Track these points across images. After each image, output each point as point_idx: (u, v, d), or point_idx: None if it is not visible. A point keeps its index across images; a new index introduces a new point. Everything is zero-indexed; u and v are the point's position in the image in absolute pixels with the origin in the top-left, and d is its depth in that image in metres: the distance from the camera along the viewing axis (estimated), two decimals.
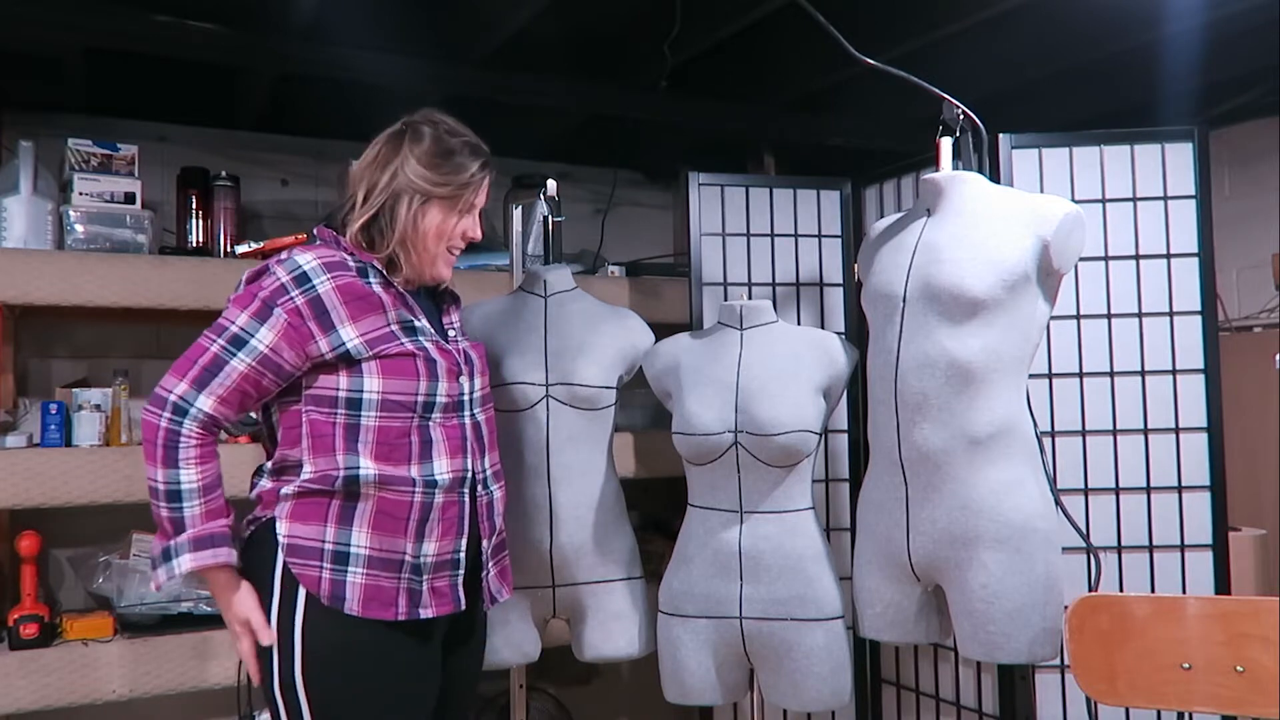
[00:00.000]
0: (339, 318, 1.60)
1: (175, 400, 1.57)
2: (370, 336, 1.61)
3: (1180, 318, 2.24)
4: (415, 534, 1.63)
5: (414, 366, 1.63)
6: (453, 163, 1.69)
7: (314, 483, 1.60)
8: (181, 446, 1.57)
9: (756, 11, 2.42)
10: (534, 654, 2.20)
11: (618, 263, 3.15)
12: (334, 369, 1.61)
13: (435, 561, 1.66)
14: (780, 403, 2.01)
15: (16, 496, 2.24)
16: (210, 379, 1.57)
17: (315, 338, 1.59)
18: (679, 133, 3.24)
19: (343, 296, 1.61)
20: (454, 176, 1.69)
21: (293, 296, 1.59)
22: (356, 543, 1.60)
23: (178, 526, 1.58)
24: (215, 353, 1.58)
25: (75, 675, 2.27)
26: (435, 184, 1.68)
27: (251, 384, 1.59)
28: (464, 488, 1.69)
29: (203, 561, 1.58)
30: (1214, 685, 1.53)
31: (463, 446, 1.69)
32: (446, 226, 1.71)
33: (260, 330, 1.58)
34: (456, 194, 1.70)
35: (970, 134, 2.05)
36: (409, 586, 1.63)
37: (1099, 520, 2.23)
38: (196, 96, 2.87)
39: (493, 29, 2.48)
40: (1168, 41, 2.56)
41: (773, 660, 2.05)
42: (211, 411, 1.58)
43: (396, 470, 1.62)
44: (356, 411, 1.61)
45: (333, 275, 1.61)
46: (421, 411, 1.64)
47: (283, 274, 1.60)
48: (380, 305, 1.64)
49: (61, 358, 2.72)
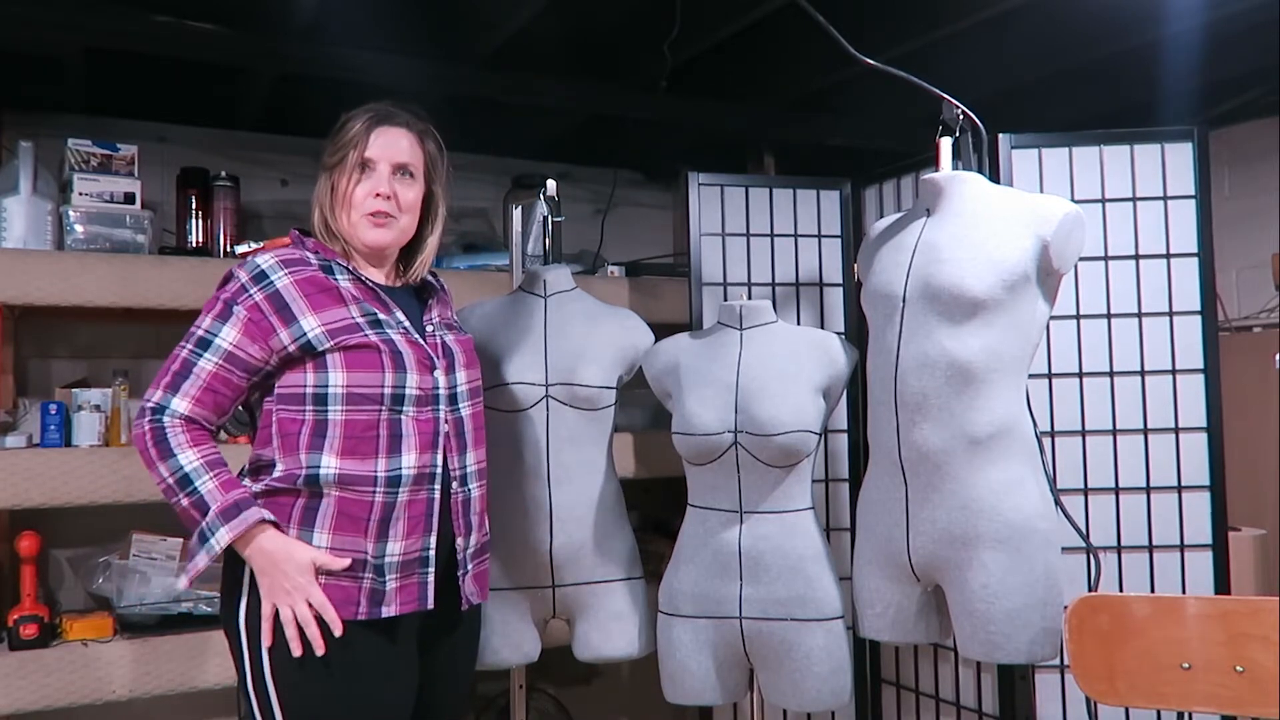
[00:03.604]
0: (299, 309, 1.63)
1: (152, 406, 1.61)
2: (331, 326, 1.63)
3: (1180, 318, 2.24)
4: (377, 534, 1.63)
5: (377, 359, 1.64)
6: (338, 131, 1.74)
7: (280, 482, 1.62)
8: (169, 436, 1.59)
9: (756, 11, 2.42)
10: (534, 654, 2.20)
11: (617, 263, 3.16)
12: (300, 365, 1.63)
13: (402, 560, 1.65)
14: (780, 403, 2.01)
15: (16, 497, 2.24)
16: (181, 382, 1.61)
17: (276, 330, 1.62)
18: (679, 133, 3.24)
19: (302, 290, 1.65)
20: (336, 141, 1.74)
21: (252, 294, 1.64)
22: (317, 543, 1.60)
23: (201, 508, 1.57)
24: (184, 357, 1.63)
25: (75, 675, 2.27)
26: (330, 153, 1.74)
27: (221, 382, 1.62)
28: (433, 484, 1.68)
29: (239, 528, 1.56)
30: (1214, 685, 1.53)
31: (434, 441, 1.68)
32: (348, 192, 1.72)
33: (223, 329, 1.62)
34: (341, 154, 1.73)
35: (970, 134, 2.05)
36: (371, 586, 1.62)
37: (1099, 520, 2.23)
38: (196, 96, 2.87)
39: (493, 29, 2.48)
40: (1168, 41, 2.56)
41: (772, 660, 2.05)
42: (187, 412, 1.60)
43: (361, 466, 1.62)
44: (324, 407, 1.62)
45: (290, 270, 1.66)
46: (390, 404, 1.64)
47: (243, 275, 1.66)
48: (342, 298, 1.66)
49: (61, 358, 2.72)
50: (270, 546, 1.58)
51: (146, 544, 2.51)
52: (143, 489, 2.33)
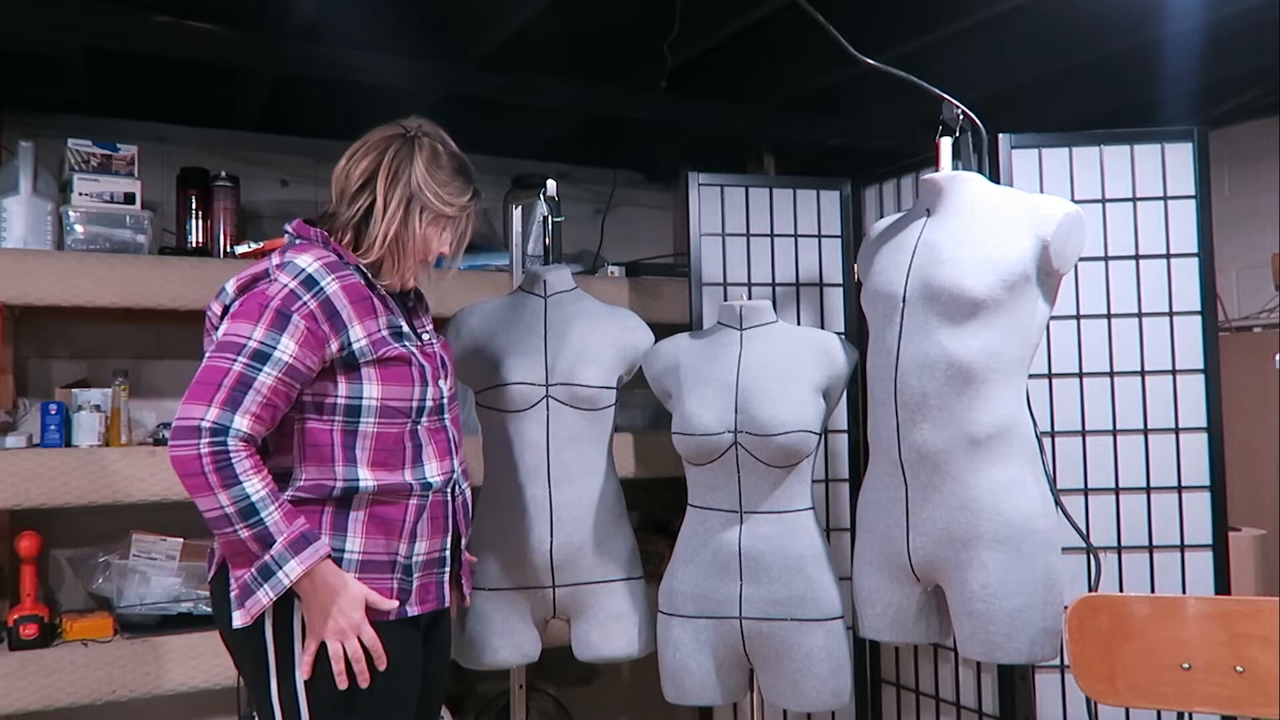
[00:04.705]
0: (348, 316, 1.60)
1: (210, 425, 1.48)
2: (373, 338, 1.62)
3: (1180, 318, 2.24)
4: (409, 536, 1.66)
5: (409, 372, 1.65)
6: (458, 184, 1.72)
7: (306, 492, 1.60)
8: (235, 462, 1.48)
9: (756, 11, 2.42)
10: (534, 654, 2.20)
11: (618, 263, 3.16)
12: (332, 374, 1.60)
13: (425, 560, 1.69)
14: (780, 403, 2.01)
15: (16, 497, 2.24)
16: (242, 398, 1.50)
17: (329, 340, 1.58)
18: (679, 133, 3.24)
19: (349, 296, 1.61)
20: (458, 198, 1.72)
21: (305, 301, 1.56)
22: (351, 547, 1.61)
23: (265, 540, 1.51)
24: (240, 371, 1.51)
25: (75, 675, 2.27)
26: (444, 201, 1.69)
27: (280, 396, 1.54)
28: (448, 488, 1.73)
29: (311, 560, 1.52)
30: (1214, 685, 1.54)
31: (448, 448, 1.73)
32: (436, 241, 1.73)
33: (282, 340, 1.53)
34: (456, 214, 1.72)
35: (970, 134, 2.05)
36: (400, 586, 1.64)
37: (1099, 520, 2.23)
38: (196, 96, 2.87)
39: (493, 29, 2.48)
40: (1168, 41, 2.56)
41: (772, 660, 2.05)
42: (249, 430, 1.51)
43: (392, 477, 1.63)
44: (355, 418, 1.61)
45: (337, 276, 1.61)
46: (415, 417, 1.66)
47: (288, 279, 1.57)
48: (374, 309, 1.64)
49: (61, 358, 2.71)
50: (332, 581, 1.55)
51: (146, 544, 2.51)
52: (142, 489, 2.33)
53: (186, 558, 2.51)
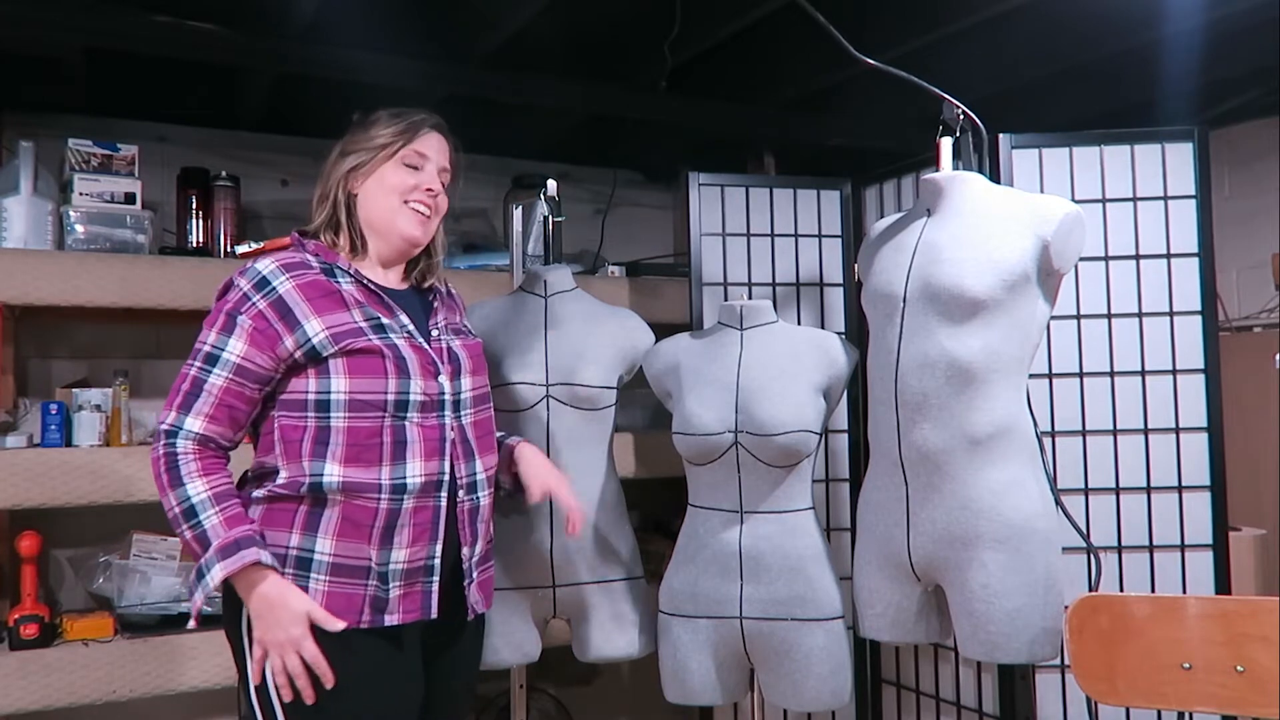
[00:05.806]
0: (303, 313, 1.61)
1: (166, 428, 1.58)
2: (335, 331, 1.61)
3: (1180, 318, 2.24)
4: (380, 541, 1.61)
5: (380, 364, 1.62)
6: (386, 123, 1.74)
7: (283, 489, 1.60)
8: (180, 464, 1.56)
9: (756, 11, 2.42)
10: (534, 654, 2.20)
11: (618, 263, 3.16)
12: (303, 371, 1.61)
13: (406, 569, 1.63)
14: (780, 403, 2.01)
15: (16, 496, 2.24)
16: (193, 401, 1.58)
17: (282, 337, 1.60)
18: (679, 133, 3.24)
19: (305, 294, 1.62)
20: (384, 129, 1.73)
21: (255, 302, 1.61)
22: (320, 549, 1.59)
23: (203, 542, 1.54)
24: (193, 375, 1.59)
25: (75, 675, 2.27)
26: (371, 144, 1.72)
27: (235, 396, 1.59)
28: (440, 491, 1.66)
29: (232, 566, 1.52)
30: (1214, 685, 1.54)
31: (440, 449, 1.66)
32: (397, 179, 1.72)
33: (229, 342, 1.59)
34: (392, 141, 1.72)
35: (970, 134, 2.05)
36: (375, 594, 1.61)
37: (1099, 520, 2.23)
38: (196, 96, 2.87)
39: (493, 29, 2.48)
40: (1168, 41, 2.56)
41: (773, 660, 2.05)
42: (202, 431, 1.58)
43: (365, 474, 1.60)
44: (326, 414, 1.60)
45: (292, 275, 1.64)
46: (394, 410, 1.62)
47: (244, 283, 1.63)
48: (344, 302, 1.64)
49: (61, 358, 2.71)
50: (268, 592, 1.55)
51: (146, 544, 2.52)
52: (143, 489, 2.33)
53: (187, 558, 2.51)
